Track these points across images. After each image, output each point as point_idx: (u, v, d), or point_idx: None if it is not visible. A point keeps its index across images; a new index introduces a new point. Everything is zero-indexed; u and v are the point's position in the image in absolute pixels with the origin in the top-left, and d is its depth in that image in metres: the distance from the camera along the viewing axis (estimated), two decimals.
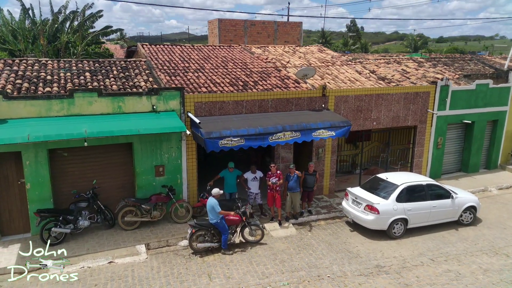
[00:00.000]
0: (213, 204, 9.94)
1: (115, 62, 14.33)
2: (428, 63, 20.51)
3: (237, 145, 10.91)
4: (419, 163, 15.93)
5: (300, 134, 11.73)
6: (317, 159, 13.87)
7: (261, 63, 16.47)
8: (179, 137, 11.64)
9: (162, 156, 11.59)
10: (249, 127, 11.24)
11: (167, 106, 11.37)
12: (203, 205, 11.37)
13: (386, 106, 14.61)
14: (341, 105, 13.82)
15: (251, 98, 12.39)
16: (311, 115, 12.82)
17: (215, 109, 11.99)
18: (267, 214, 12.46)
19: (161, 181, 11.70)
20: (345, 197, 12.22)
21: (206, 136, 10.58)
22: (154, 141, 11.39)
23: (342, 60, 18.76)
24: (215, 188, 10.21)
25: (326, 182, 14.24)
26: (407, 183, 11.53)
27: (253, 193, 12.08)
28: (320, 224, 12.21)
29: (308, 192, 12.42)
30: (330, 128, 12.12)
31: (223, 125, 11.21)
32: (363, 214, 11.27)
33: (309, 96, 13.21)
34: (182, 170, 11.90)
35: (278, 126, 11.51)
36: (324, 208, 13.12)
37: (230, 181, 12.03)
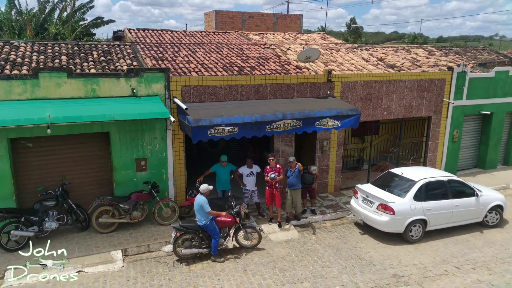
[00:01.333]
0: (202, 202, 8.44)
1: (97, 46, 12.86)
2: (439, 51, 19.04)
3: (229, 134, 9.42)
4: (433, 158, 14.43)
5: (302, 123, 10.23)
6: (321, 153, 12.37)
7: (259, 49, 14.98)
8: (163, 126, 10.13)
9: (144, 148, 10.07)
10: (245, 114, 9.74)
11: (150, 90, 9.87)
12: (192, 204, 9.85)
13: (398, 94, 13.11)
14: (348, 92, 12.32)
15: (247, 82, 10.89)
16: (315, 102, 11.33)
17: (206, 95, 10.49)
18: (265, 215, 10.96)
19: (143, 177, 10.18)
20: (354, 195, 10.72)
21: (194, 124, 9.08)
22: (134, 130, 9.89)
23: (347, 47, 17.29)
24: (203, 184, 8.70)
25: (331, 179, 12.74)
26: (426, 179, 10.02)
27: (249, 190, 10.57)
28: (325, 226, 10.70)
29: (308, 190, 10.92)
30: (336, 118, 10.62)
31: (214, 112, 9.71)
32: (375, 215, 9.77)
33: (312, 81, 11.71)
34: (167, 164, 10.39)
35: (278, 113, 10.02)
36: (329, 208, 11.61)
37: (222, 176, 10.52)
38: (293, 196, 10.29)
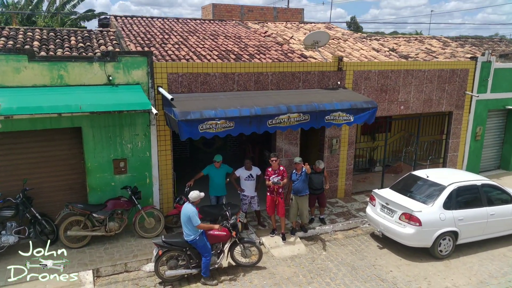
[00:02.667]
0: (190, 213, 6.89)
1: (76, 32, 11.33)
2: (454, 42, 17.51)
3: (224, 130, 7.86)
4: (454, 158, 12.89)
5: (309, 118, 8.67)
6: (330, 153, 10.82)
7: (259, 37, 13.43)
8: (146, 121, 8.58)
9: (123, 146, 8.52)
10: (242, 106, 8.20)
11: (129, 78, 8.31)
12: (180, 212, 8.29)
13: (416, 86, 11.57)
14: (361, 82, 10.78)
15: (246, 70, 9.34)
16: (323, 94, 9.78)
17: (197, 84, 8.93)
18: (267, 224, 9.41)
19: (122, 181, 8.63)
20: (370, 201, 9.17)
21: (181, 117, 7.53)
22: (112, 125, 8.34)
23: (355, 37, 15.76)
24: (194, 191, 7.15)
25: (341, 182, 11.19)
26: (456, 183, 8.48)
27: (247, 196, 9.03)
28: (337, 238, 9.15)
29: (317, 196, 9.37)
30: (349, 111, 9.06)
31: (206, 104, 8.16)
32: (398, 226, 8.22)
33: (320, 70, 10.16)
34: (151, 165, 8.83)
35: (281, 106, 8.47)
36: (340, 216, 10.07)
37: (216, 180, 8.97)
38: (299, 203, 8.73)
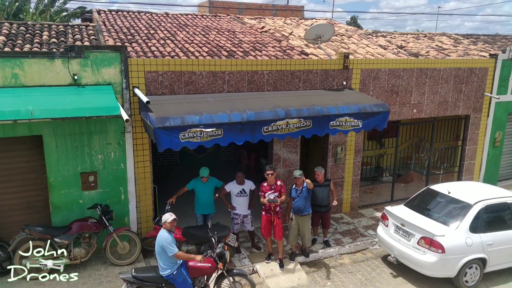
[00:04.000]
0: (163, 242, 5.62)
1: (51, 26, 10.06)
2: (466, 40, 16.28)
3: (211, 139, 6.60)
4: (471, 166, 11.63)
5: (312, 124, 7.42)
6: (334, 162, 9.56)
7: (255, 33, 12.18)
8: (120, 128, 7.32)
9: (93, 157, 7.26)
10: (232, 111, 6.94)
11: (99, 77, 7.05)
12: None
13: (431, 86, 10.32)
14: (370, 83, 9.52)
15: (238, 68, 8.08)
16: (327, 95, 8.53)
17: (180, 84, 7.68)
18: (262, 246, 8.15)
19: (92, 198, 7.37)
20: (382, 221, 7.91)
21: (158, 124, 6.27)
22: (78, 133, 7.07)
23: (360, 34, 14.52)
24: (166, 214, 5.88)
25: (347, 195, 9.93)
26: (484, 201, 7.22)
27: (239, 215, 7.76)
28: (343, 264, 7.88)
29: (321, 214, 8.10)
30: (357, 116, 7.81)
31: (189, 108, 6.91)
32: (416, 253, 6.95)
33: (323, 68, 8.91)
34: (127, 179, 7.57)
35: (279, 110, 7.21)
36: (346, 235, 8.80)
37: (203, 196, 7.70)
38: (301, 224, 7.46)
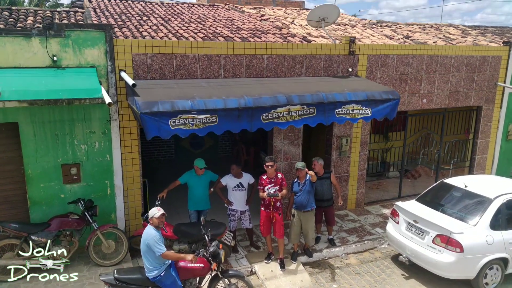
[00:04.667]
0: (149, 240, 4.98)
1: (37, 12, 9.44)
2: (474, 31, 15.64)
3: (204, 127, 5.96)
4: (482, 161, 10.98)
5: (316, 111, 6.77)
6: (338, 155, 8.92)
7: (255, 21, 11.55)
8: (106, 115, 6.68)
9: (75, 147, 6.62)
10: (229, 96, 6.29)
11: (82, 59, 6.40)
12: None
13: (441, 75, 9.67)
14: (377, 70, 8.88)
15: (235, 52, 7.44)
16: (332, 82, 7.89)
17: (171, 68, 7.03)
18: (261, 245, 7.51)
19: (75, 192, 6.73)
20: (392, 217, 7.26)
21: (145, 108, 5.63)
22: (59, 120, 6.43)
23: (364, 23, 13.89)
24: (154, 208, 5.24)
25: (352, 190, 9.28)
26: (506, 195, 6.56)
27: (236, 211, 7.12)
28: (350, 264, 7.23)
29: (323, 209, 7.46)
30: (366, 103, 7.17)
31: (181, 93, 6.27)
32: (431, 252, 6.31)
33: (328, 53, 8.26)
34: (113, 172, 6.93)
35: (279, 96, 6.56)
36: (352, 233, 8.16)
37: (198, 190, 7.06)
38: (303, 221, 6.81)
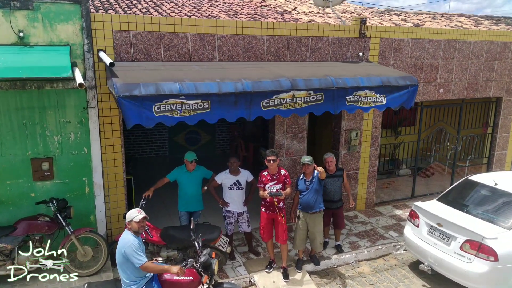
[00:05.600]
0: (126, 248, 4.11)
1: None
2: (486, 21, 14.79)
3: (195, 114, 5.08)
4: (502, 157, 10.11)
5: (323, 98, 5.90)
6: (347, 151, 8.04)
7: (254, 6, 10.67)
8: (83, 102, 5.80)
9: (47, 139, 5.75)
10: (224, 79, 5.42)
11: (54, 36, 5.52)
12: None
13: (459, 62, 8.80)
14: (390, 55, 8.01)
15: (232, 32, 6.56)
16: (341, 67, 7.02)
17: (159, 49, 6.15)
18: (261, 251, 6.63)
19: (47, 190, 5.86)
20: (411, 219, 6.38)
21: (124, 91, 4.76)
22: (28, 107, 5.56)
23: (371, 12, 13.03)
24: (133, 210, 4.37)
25: (362, 189, 8.41)
26: None
27: (233, 212, 6.23)
28: (362, 273, 6.36)
29: (332, 211, 6.58)
30: (380, 90, 6.30)
31: (167, 74, 5.40)
32: (460, 260, 5.43)
33: (336, 35, 7.39)
34: (91, 167, 6.04)
35: (282, 79, 5.69)
36: (363, 237, 7.28)
37: (189, 189, 6.17)
38: (310, 224, 5.93)
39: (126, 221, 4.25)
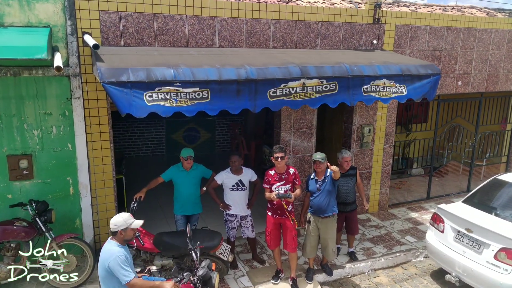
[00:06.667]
0: (112, 262, 3.45)
1: None
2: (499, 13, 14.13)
3: (192, 104, 4.42)
4: None
5: (337, 87, 5.23)
6: (359, 148, 7.39)
7: None
8: (66, 91, 5.14)
9: (25, 133, 5.09)
10: (225, 65, 4.76)
11: (32, 16, 4.87)
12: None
13: (479, 52, 8.15)
14: (406, 44, 7.35)
15: (233, 14, 5.90)
16: (355, 55, 6.35)
17: (152, 32, 5.49)
18: (267, 259, 5.97)
19: (26, 191, 5.20)
20: (434, 224, 5.71)
21: (110, 77, 4.11)
22: (3, 98, 4.91)
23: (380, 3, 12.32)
24: (119, 214, 3.70)
25: (375, 190, 7.76)
26: None
27: (235, 216, 5.56)
28: (380, 283, 5.69)
29: (345, 215, 5.91)
30: (400, 79, 5.64)
31: (161, 59, 4.75)
32: (493, 271, 4.77)
33: (348, 21, 6.73)
34: (76, 166, 5.38)
35: (291, 66, 5.02)
36: (378, 242, 6.62)
37: (185, 190, 5.50)
38: (322, 229, 5.26)
39: (119, 228, 3.57)
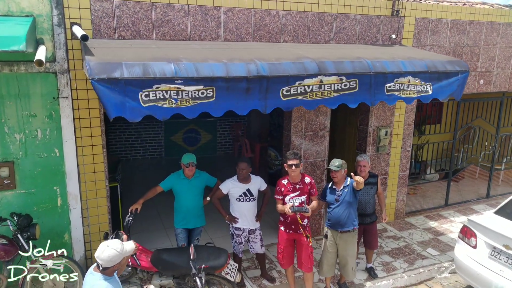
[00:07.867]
0: None
1: None
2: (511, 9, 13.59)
3: (195, 105, 3.84)
4: None
5: (358, 85, 4.64)
6: (375, 151, 6.81)
7: None
8: (53, 90, 4.55)
9: (6, 137, 4.50)
10: (232, 60, 4.18)
11: (13, 4, 4.27)
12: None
13: (502, 49, 7.58)
14: (426, 39, 6.77)
15: (240, 5, 5.32)
16: (373, 50, 5.78)
17: (149, 24, 4.90)
18: (277, 277, 5.38)
19: (8, 203, 4.61)
20: (464, 238, 5.13)
21: (100, 73, 3.52)
22: None
23: None
24: (109, 245, 3.05)
25: (391, 197, 7.18)
26: None
27: (243, 230, 4.97)
28: None
29: (363, 227, 5.33)
30: (425, 76, 5.07)
31: (159, 53, 4.16)
32: None
33: (365, 13, 6.15)
34: (65, 174, 4.79)
35: (307, 61, 4.44)
36: (398, 256, 6.04)
37: (186, 200, 4.92)
38: (341, 245, 4.68)
39: (115, 263, 2.91)
